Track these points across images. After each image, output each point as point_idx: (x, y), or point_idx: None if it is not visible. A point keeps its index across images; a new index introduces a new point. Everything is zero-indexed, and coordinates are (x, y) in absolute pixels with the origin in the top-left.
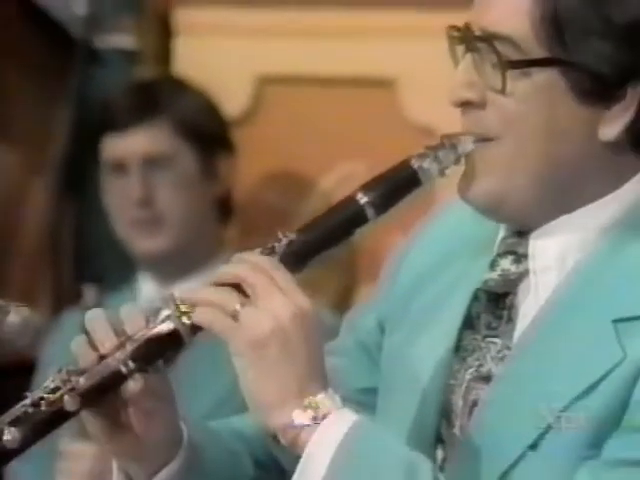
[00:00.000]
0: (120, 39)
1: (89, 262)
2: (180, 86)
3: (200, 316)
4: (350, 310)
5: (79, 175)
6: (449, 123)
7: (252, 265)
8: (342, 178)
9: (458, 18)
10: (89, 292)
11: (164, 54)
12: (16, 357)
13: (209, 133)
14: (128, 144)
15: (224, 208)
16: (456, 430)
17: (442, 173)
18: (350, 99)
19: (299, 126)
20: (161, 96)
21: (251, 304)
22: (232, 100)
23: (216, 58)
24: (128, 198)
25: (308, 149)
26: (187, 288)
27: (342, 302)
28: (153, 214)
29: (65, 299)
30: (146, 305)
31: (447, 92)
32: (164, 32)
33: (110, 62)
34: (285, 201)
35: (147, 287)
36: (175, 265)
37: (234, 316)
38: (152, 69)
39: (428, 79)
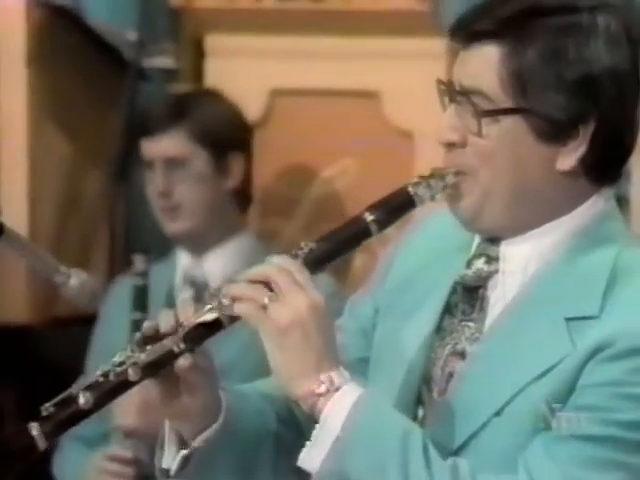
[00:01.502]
0: (162, 60)
1: (138, 237)
2: (203, 98)
3: (238, 308)
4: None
5: (128, 167)
6: (423, 127)
7: (278, 267)
8: (338, 171)
9: (429, 44)
10: (138, 261)
11: (197, 72)
12: (77, 312)
13: (222, 138)
14: (154, 147)
15: (242, 197)
16: (434, 394)
17: (432, 198)
18: (344, 108)
19: (304, 130)
20: (184, 108)
21: (277, 299)
22: (250, 109)
23: (238, 75)
24: (155, 190)
25: (311, 148)
26: (216, 258)
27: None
28: (171, 204)
29: (118, 267)
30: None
31: (421, 102)
32: (197, 54)
33: (154, 78)
34: (293, 189)
35: (183, 258)
36: (200, 242)
37: (264, 308)
38: (188, 84)
39: (406, 92)
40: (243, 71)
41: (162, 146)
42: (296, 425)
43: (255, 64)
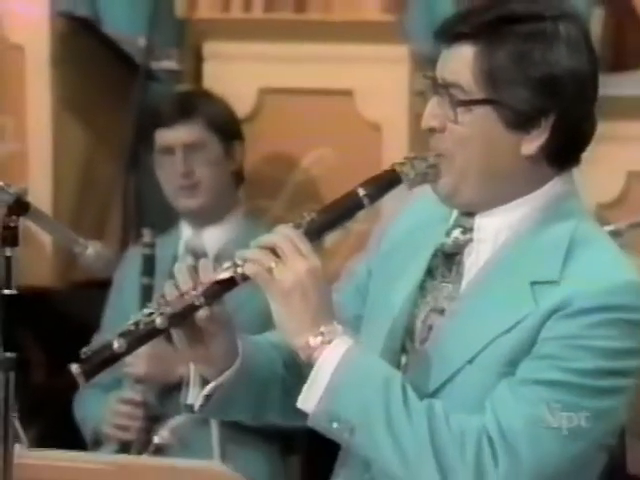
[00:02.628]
0: (168, 63)
1: (147, 213)
2: (208, 95)
3: (248, 269)
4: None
5: (139, 155)
6: (389, 121)
7: (283, 235)
8: (316, 159)
9: (395, 50)
10: (146, 234)
11: (197, 74)
12: (94, 277)
13: (229, 128)
14: (174, 135)
15: (238, 178)
16: (416, 344)
17: (416, 176)
18: (322, 104)
19: (287, 123)
20: (196, 102)
21: (281, 263)
22: (242, 105)
23: (231, 76)
24: (175, 171)
25: (293, 139)
26: (214, 231)
27: None
28: (192, 182)
29: (129, 239)
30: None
31: (388, 99)
32: (197, 58)
33: (161, 79)
34: (278, 174)
35: (186, 231)
36: (205, 216)
37: (270, 271)
38: (189, 84)
39: (375, 90)
40: (236, 73)
41: (181, 134)
42: (299, 370)
43: (246, 66)
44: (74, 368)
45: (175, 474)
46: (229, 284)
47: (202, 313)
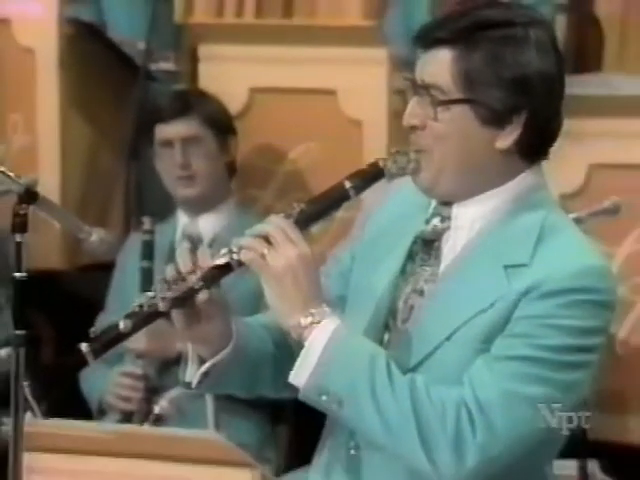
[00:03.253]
0: (166, 65)
1: (146, 202)
2: (203, 94)
3: (244, 256)
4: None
5: (139, 148)
6: (369, 118)
7: (275, 224)
8: (302, 152)
9: (375, 52)
10: (146, 221)
11: (193, 74)
12: (98, 260)
13: (223, 124)
14: (173, 130)
15: (231, 169)
16: (398, 323)
17: (398, 170)
18: (307, 102)
19: (276, 119)
20: (192, 100)
21: (273, 250)
22: (234, 103)
23: (224, 76)
24: (174, 163)
25: (281, 134)
26: (209, 218)
27: None
28: (189, 173)
29: (131, 225)
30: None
31: (369, 98)
32: (193, 60)
33: (159, 79)
34: (267, 166)
35: (182, 218)
36: (200, 205)
37: (263, 257)
38: (185, 84)
39: (357, 90)
40: (229, 73)
41: (179, 129)
42: (288, 348)
43: (238, 67)
44: (84, 347)
45: (173, 442)
46: (226, 269)
47: (201, 296)
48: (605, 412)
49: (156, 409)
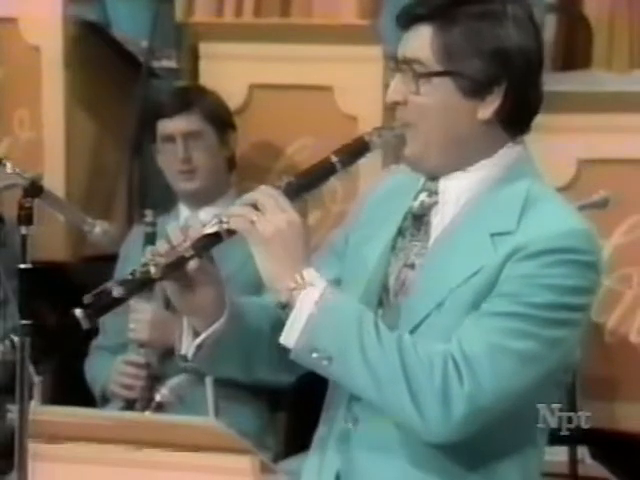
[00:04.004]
0: (167, 62)
1: (149, 196)
2: (203, 90)
3: (233, 222)
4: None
5: (142, 143)
6: (365, 113)
7: (264, 192)
8: (299, 147)
9: (370, 50)
10: (149, 214)
11: (194, 71)
12: (102, 252)
13: (223, 119)
14: (174, 125)
15: (230, 164)
16: (391, 296)
17: (383, 144)
18: (304, 98)
19: (274, 115)
20: (193, 96)
21: (262, 216)
22: (233, 99)
23: (224, 73)
24: (175, 157)
25: (279, 129)
26: (209, 211)
27: None
28: (190, 167)
29: (134, 218)
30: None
31: (364, 94)
32: (194, 58)
33: (161, 76)
34: (265, 160)
35: (184, 211)
36: (201, 198)
37: (252, 223)
38: (186, 81)
39: (352, 86)
40: (228, 70)
41: (181, 124)
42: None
43: (237, 65)
44: (78, 312)
45: (174, 429)
46: (216, 238)
47: (192, 264)
48: (595, 400)
49: (157, 397)
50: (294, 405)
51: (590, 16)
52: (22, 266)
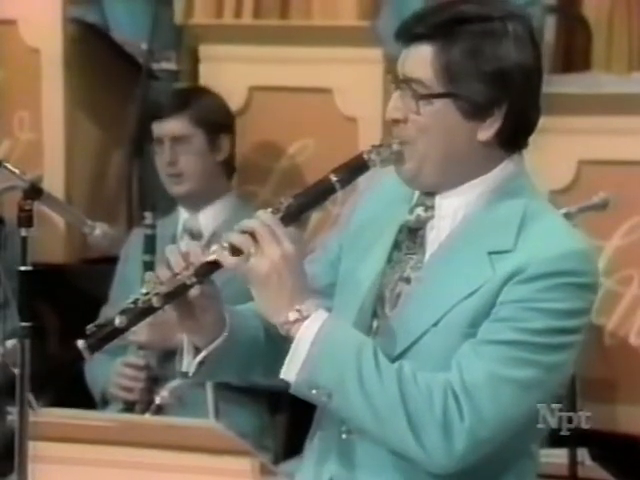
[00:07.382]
0: (167, 64)
1: (149, 198)
2: (199, 92)
3: (230, 261)
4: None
5: (142, 146)
6: (364, 115)
7: (261, 221)
8: (299, 148)
9: (369, 52)
10: (148, 216)
11: (194, 73)
12: (102, 254)
13: (215, 123)
14: (164, 127)
15: (228, 167)
16: (386, 310)
17: (382, 162)
18: (305, 100)
19: (274, 117)
20: (188, 98)
21: (258, 250)
22: (233, 101)
23: (224, 75)
24: (163, 161)
25: (279, 131)
26: (208, 213)
27: None
28: (176, 171)
29: (134, 220)
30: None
31: (363, 96)
32: (194, 60)
33: (161, 78)
34: (266, 162)
35: (182, 214)
36: (194, 201)
37: (248, 257)
38: (187, 83)
39: (352, 88)
40: (228, 72)
41: (169, 127)
42: (280, 336)
43: (237, 67)
44: (80, 343)
45: (174, 431)
46: (216, 265)
47: (194, 292)
48: (595, 401)
49: (157, 399)
50: (294, 407)
51: (590, 18)
52: (22, 268)
